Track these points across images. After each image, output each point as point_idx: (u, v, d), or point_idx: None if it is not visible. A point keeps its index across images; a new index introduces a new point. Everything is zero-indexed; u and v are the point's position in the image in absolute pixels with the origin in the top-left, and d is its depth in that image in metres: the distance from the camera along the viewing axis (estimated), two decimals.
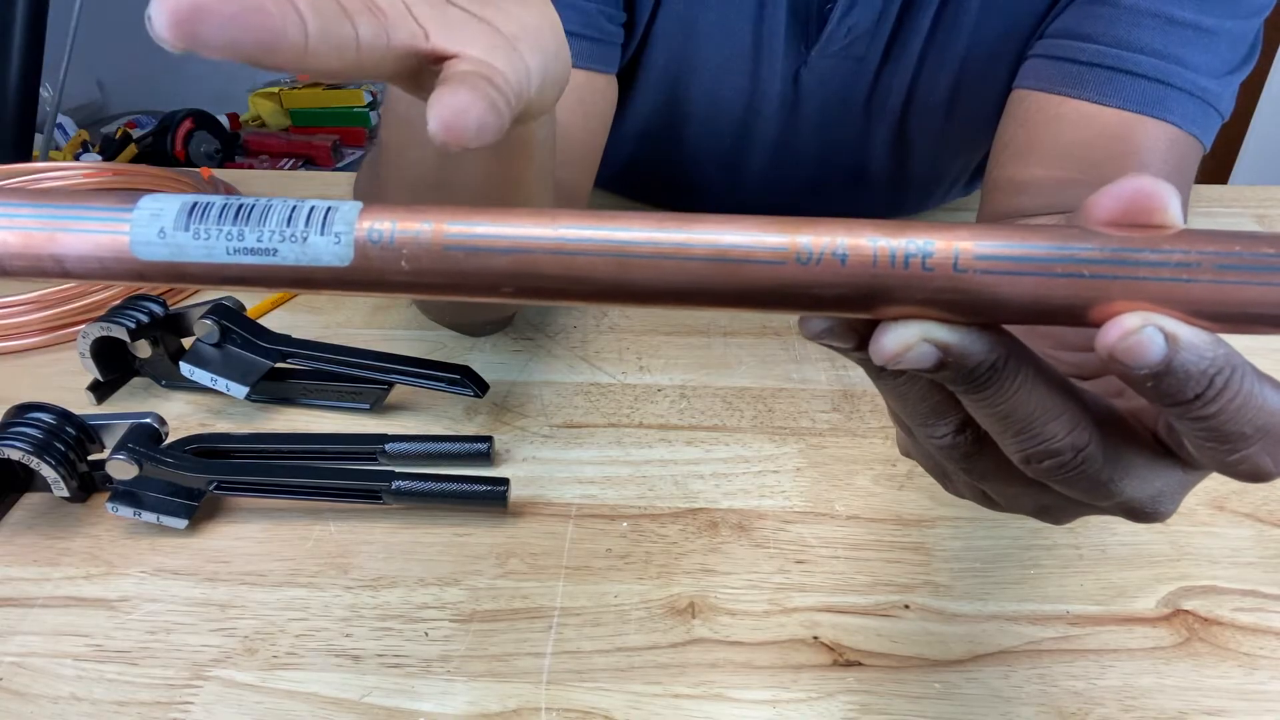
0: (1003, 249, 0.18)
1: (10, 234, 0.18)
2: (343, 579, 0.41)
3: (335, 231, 0.18)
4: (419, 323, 0.59)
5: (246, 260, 0.18)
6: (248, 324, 0.50)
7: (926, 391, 0.22)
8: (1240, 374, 0.18)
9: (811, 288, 0.18)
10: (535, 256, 0.18)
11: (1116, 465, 0.22)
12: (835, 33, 0.55)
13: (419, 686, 0.36)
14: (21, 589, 0.41)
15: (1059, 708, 0.36)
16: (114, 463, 0.42)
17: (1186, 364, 0.18)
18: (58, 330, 0.58)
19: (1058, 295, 0.18)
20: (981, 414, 0.21)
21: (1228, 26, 0.48)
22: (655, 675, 0.37)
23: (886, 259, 0.18)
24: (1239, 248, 0.17)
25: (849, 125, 0.62)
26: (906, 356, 0.19)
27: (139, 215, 0.18)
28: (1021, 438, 0.21)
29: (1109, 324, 0.18)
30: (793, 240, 0.18)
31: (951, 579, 0.41)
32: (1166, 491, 0.23)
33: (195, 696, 0.36)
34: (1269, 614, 0.39)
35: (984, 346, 0.19)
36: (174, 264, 0.18)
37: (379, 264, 0.18)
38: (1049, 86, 0.51)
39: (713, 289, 0.18)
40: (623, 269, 0.18)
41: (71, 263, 0.19)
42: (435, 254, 0.18)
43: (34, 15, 1.26)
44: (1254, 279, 0.17)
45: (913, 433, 0.24)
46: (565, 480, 0.47)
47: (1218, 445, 0.19)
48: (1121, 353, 0.18)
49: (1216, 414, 0.19)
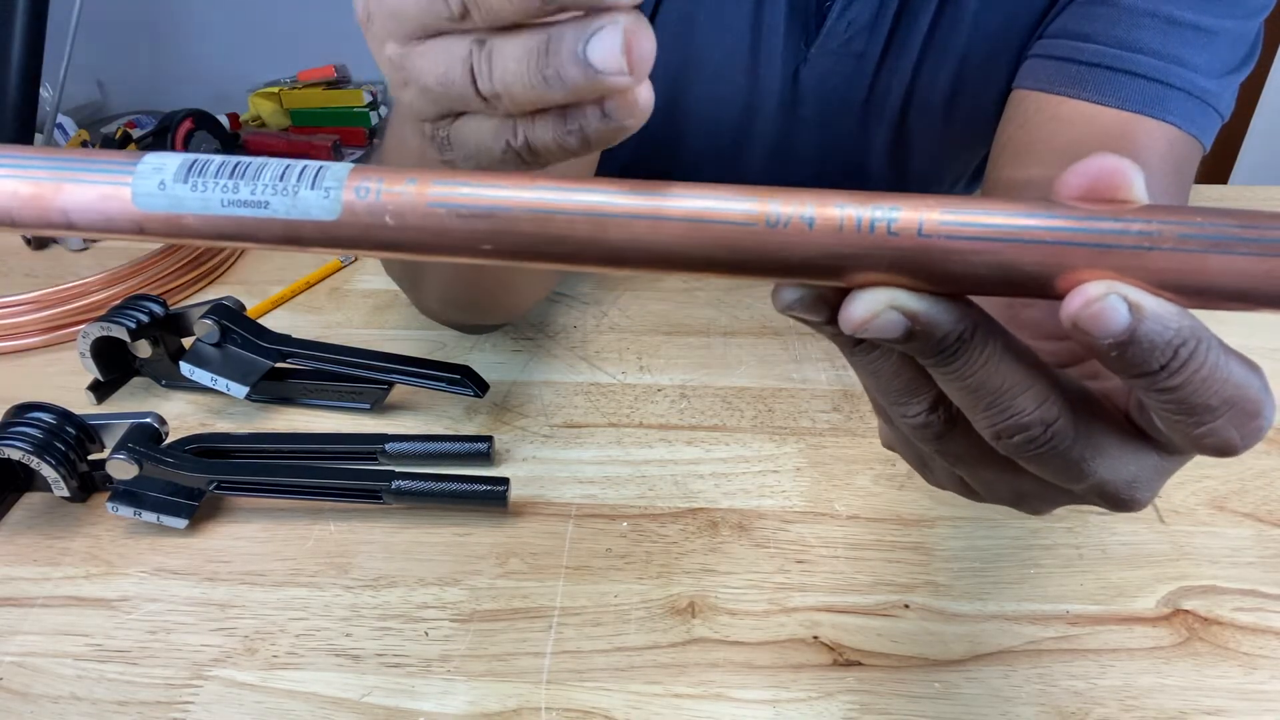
0: (967, 216, 0.18)
1: (22, 183, 0.19)
2: (343, 579, 0.41)
3: (325, 187, 0.19)
4: (419, 323, 0.59)
5: (240, 212, 0.19)
6: (248, 324, 0.50)
7: (899, 368, 0.22)
8: (1206, 346, 0.18)
9: (780, 251, 0.19)
10: (515, 215, 0.19)
11: (1088, 444, 0.22)
12: (834, 28, 0.55)
13: (419, 686, 0.36)
14: (21, 589, 0.41)
15: (1059, 708, 0.36)
16: (114, 463, 0.42)
17: (1151, 334, 0.18)
18: (58, 330, 0.58)
19: (1023, 263, 0.18)
20: (952, 388, 0.21)
21: (1227, 26, 0.48)
22: (655, 675, 0.37)
23: (853, 224, 0.18)
24: (1200, 219, 0.18)
25: (848, 124, 0.62)
26: (874, 324, 0.19)
27: (142, 168, 0.19)
28: (992, 412, 0.21)
29: (1072, 293, 0.18)
30: (763, 205, 0.19)
31: (951, 579, 0.41)
32: (1142, 477, 0.23)
33: (195, 696, 0.36)
34: (1269, 614, 0.39)
35: (952, 317, 0.19)
36: (172, 215, 0.19)
37: (365, 219, 0.19)
38: (1048, 86, 0.51)
39: (685, 251, 0.19)
40: (599, 229, 0.19)
41: (76, 214, 0.19)
42: (419, 211, 0.19)
43: (34, 15, 1.26)
44: (1215, 250, 0.17)
45: (889, 415, 0.24)
46: (565, 480, 0.47)
47: (1185, 418, 0.20)
48: (1085, 320, 0.18)
49: (1182, 385, 0.19)
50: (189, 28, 2.32)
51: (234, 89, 2.38)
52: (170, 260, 0.63)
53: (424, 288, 0.53)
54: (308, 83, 2.35)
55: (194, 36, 2.33)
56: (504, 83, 0.20)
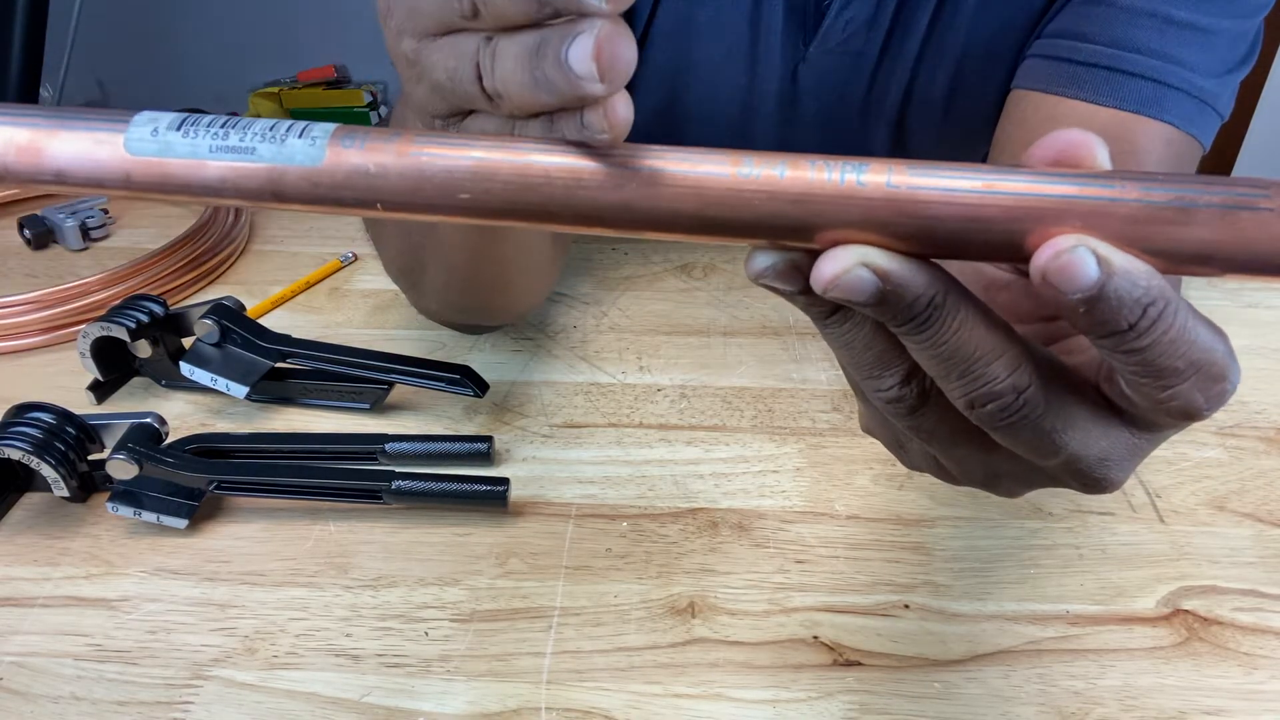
0: (934, 172, 0.19)
1: (19, 130, 0.20)
2: (343, 579, 0.41)
3: (311, 136, 0.20)
4: (419, 323, 0.59)
5: (227, 159, 0.20)
6: (248, 324, 0.50)
7: (871, 339, 0.22)
8: (1174, 308, 0.19)
9: (751, 202, 0.19)
10: (493, 164, 0.19)
11: (1060, 414, 0.22)
12: (833, 27, 0.56)
13: (419, 686, 0.36)
14: (21, 589, 0.41)
15: (1059, 708, 0.36)
16: (114, 462, 0.42)
17: (1120, 290, 0.18)
18: (58, 330, 0.58)
19: (989, 216, 0.18)
20: (925, 356, 0.21)
21: (1226, 26, 0.48)
22: (655, 675, 0.37)
23: (822, 175, 0.19)
24: (1163, 177, 0.18)
25: (847, 123, 0.62)
26: (845, 280, 0.19)
27: (139, 118, 0.20)
28: (965, 380, 0.21)
29: (1043, 246, 0.18)
30: (736, 161, 0.19)
31: (951, 579, 0.41)
32: (1114, 455, 0.23)
33: (195, 696, 0.36)
34: (1269, 614, 0.39)
35: (924, 279, 0.19)
36: (160, 162, 0.20)
37: (347, 166, 0.19)
38: (1046, 86, 0.51)
39: (659, 208, 0.19)
40: (575, 181, 0.19)
41: (67, 162, 0.20)
42: (402, 159, 0.19)
43: (34, 15, 1.26)
44: (1179, 203, 0.18)
45: (864, 393, 0.24)
46: (565, 480, 0.47)
47: (1151, 381, 0.20)
48: (1054, 273, 0.18)
49: (1149, 346, 0.19)
50: (189, 28, 2.32)
51: (234, 89, 2.38)
52: (170, 260, 0.63)
53: (423, 287, 0.53)
54: (308, 83, 2.35)
55: (194, 36, 2.34)
56: (503, 81, 0.20)
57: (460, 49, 0.21)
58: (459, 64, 0.21)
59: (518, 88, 0.20)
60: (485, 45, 0.21)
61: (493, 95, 0.21)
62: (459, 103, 0.23)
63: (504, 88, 0.20)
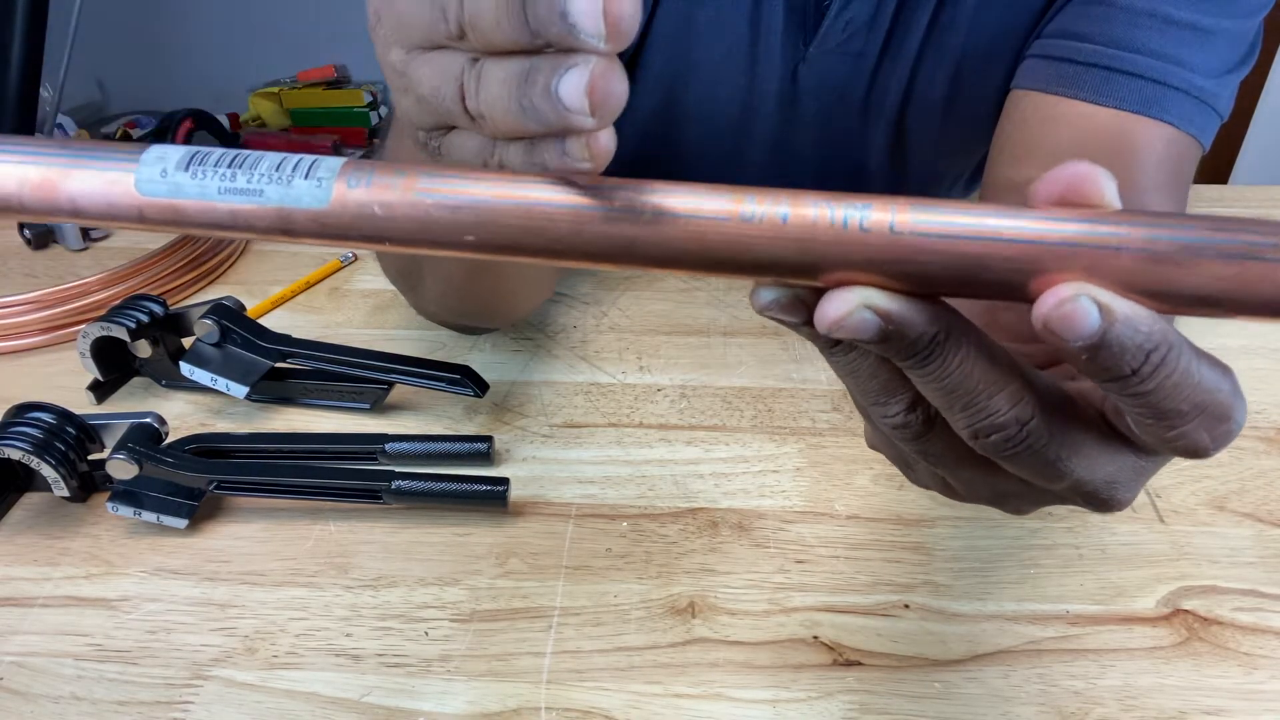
0: (938, 215, 0.18)
1: (33, 168, 0.20)
2: (343, 579, 0.41)
3: (317, 176, 0.20)
4: (419, 323, 0.59)
5: (235, 200, 0.20)
6: (248, 324, 0.50)
7: (875, 368, 0.22)
8: (1177, 351, 0.19)
9: (754, 245, 0.19)
10: (497, 207, 0.19)
11: (1064, 443, 0.22)
12: (833, 27, 0.55)
13: (419, 686, 0.36)
14: (21, 589, 0.41)
15: (1059, 708, 0.36)
16: (114, 462, 0.42)
17: (1121, 337, 0.18)
18: (58, 330, 0.58)
19: (993, 262, 0.18)
20: (928, 389, 0.21)
21: (1226, 26, 0.48)
22: (655, 675, 0.37)
23: (826, 219, 0.19)
24: (1170, 221, 0.18)
25: (847, 123, 0.62)
26: (848, 322, 0.19)
27: (147, 157, 0.20)
28: (968, 412, 0.21)
29: (1044, 295, 0.18)
30: (738, 202, 0.19)
31: (951, 579, 0.41)
32: (1121, 477, 0.23)
33: (195, 696, 0.36)
34: (1269, 614, 0.39)
35: (925, 318, 0.19)
36: (171, 202, 0.20)
37: (354, 208, 0.20)
38: (1046, 87, 0.51)
39: (661, 247, 0.19)
40: (579, 223, 0.19)
41: (82, 199, 0.20)
42: (407, 201, 0.20)
43: (34, 15, 1.26)
44: (1185, 253, 0.18)
45: (869, 416, 0.24)
46: (565, 480, 0.47)
47: (1156, 422, 0.20)
48: (1055, 322, 0.18)
49: (1154, 390, 0.19)
50: (189, 27, 2.32)
51: (234, 89, 2.38)
52: (170, 260, 0.63)
53: (421, 291, 0.53)
54: (308, 83, 2.35)
55: (194, 36, 2.33)
56: (488, 104, 0.20)
57: (446, 67, 0.21)
58: (444, 81, 0.21)
59: (502, 113, 0.20)
60: (471, 66, 0.21)
61: (475, 116, 0.21)
62: (442, 118, 0.23)
63: (488, 111, 0.20)
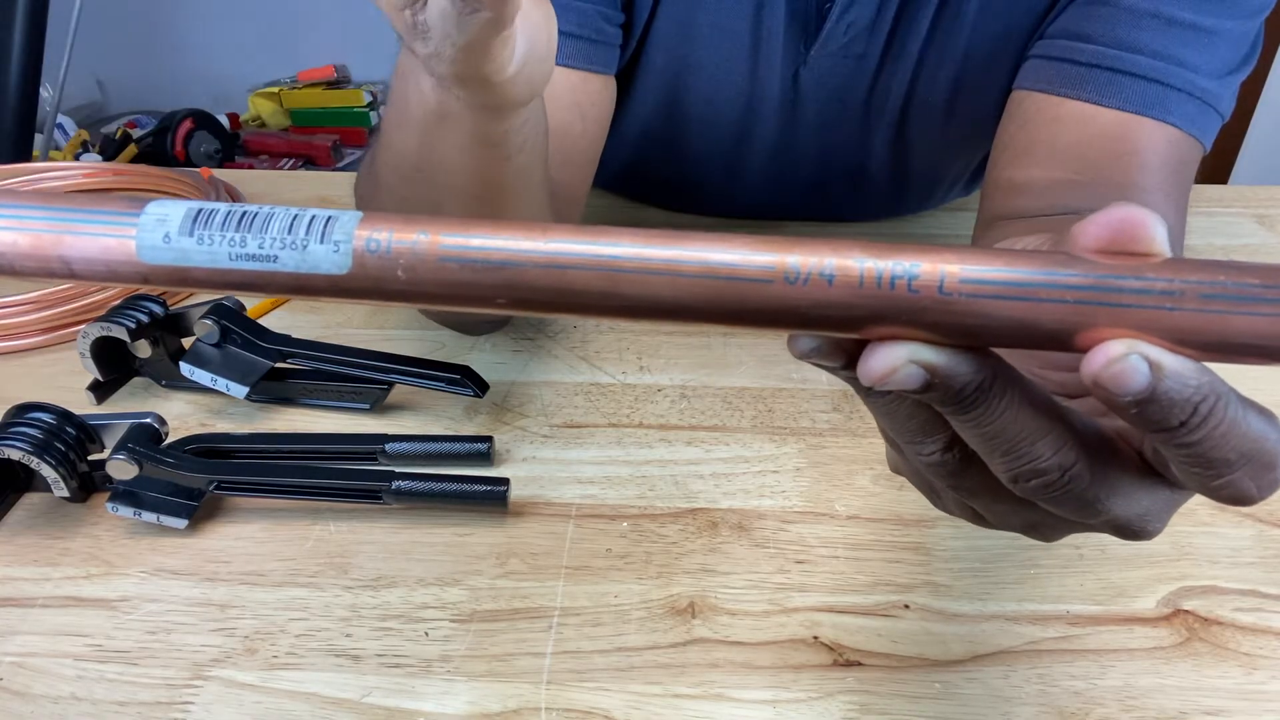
0: (988, 273, 0.18)
1: (21, 235, 0.19)
2: (343, 579, 0.41)
3: (334, 240, 0.19)
4: (419, 323, 0.59)
5: (248, 266, 0.19)
6: (248, 324, 0.50)
7: (914, 410, 0.22)
8: (1225, 402, 0.19)
9: (799, 307, 0.18)
10: (527, 270, 0.19)
11: (1103, 484, 0.22)
12: (834, 30, 0.55)
13: (419, 686, 0.36)
14: (21, 589, 0.41)
15: (1059, 708, 0.36)
16: (114, 463, 0.42)
17: (1170, 392, 0.18)
18: (58, 330, 0.58)
19: (1043, 321, 0.18)
20: (969, 434, 0.21)
21: (1227, 26, 0.48)
22: (655, 675, 0.37)
23: (873, 280, 0.18)
24: (1223, 277, 0.18)
25: (849, 125, 0.62)
26: (894, 378, 0.19)
27: (145, 220, 0.19)
28: (1009, 458, 0.21)
29: (1093, 351, 0.18)
30: (781, 260, 0.18)
31: (951, 579, 0.41)
32: (1154, 510, 0.23)
33: (195, 696, 0.36)
34: (1269, 614, 0.39)
35: (970, 368, 0.19)
36: (178, 268, 0.19)
37: (376, 273, 0.19)
38: (1048, 87, 0.51)
39: (700, 306, 0.19)
40: (612, 284, 0.19)
41: (79, 265, 0.19)
42: (431, 264, 0.19)
43: (34, 15, 1.26)
44: (1238, 309, 0.17)
45: (902, 450, 0.24)
46: (565, 480, 0.47)
47: (1202, 470, 0.20)
48: (1106, 380, 0.18)
49: (1201, 441, 0.19)
50: (189, 28, 2.33)
51: (234, 89, 2.38)
52: None
53: None
54: (308, 83, 2.35)
55: (194, 36, 2.34)
56: None
57: None
58: None
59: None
60: None
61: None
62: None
63: None
